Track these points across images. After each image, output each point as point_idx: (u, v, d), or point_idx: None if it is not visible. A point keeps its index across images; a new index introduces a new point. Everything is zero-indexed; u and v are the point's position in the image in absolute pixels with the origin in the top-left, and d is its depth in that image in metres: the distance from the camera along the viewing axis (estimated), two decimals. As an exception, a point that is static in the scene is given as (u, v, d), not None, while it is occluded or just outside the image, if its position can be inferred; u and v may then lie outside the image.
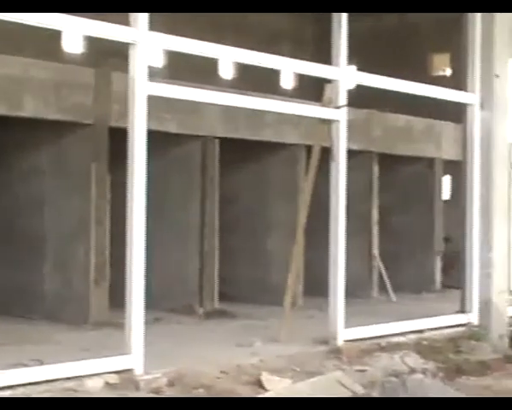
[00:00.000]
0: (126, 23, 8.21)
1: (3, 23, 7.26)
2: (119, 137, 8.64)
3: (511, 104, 12.41)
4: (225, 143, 12.83)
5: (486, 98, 11.97)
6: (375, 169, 15.50)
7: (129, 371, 7.98)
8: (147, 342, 8.14)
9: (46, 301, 11.47)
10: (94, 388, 7.61)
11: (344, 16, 10.23)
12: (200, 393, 7.82)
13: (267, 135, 13.26)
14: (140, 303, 8.13)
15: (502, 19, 12.08)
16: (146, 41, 8.22)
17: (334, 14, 10.26)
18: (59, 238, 11.53)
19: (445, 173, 16.79)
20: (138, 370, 8.02)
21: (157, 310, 10.82)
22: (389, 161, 15.67)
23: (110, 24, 8.16)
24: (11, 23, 7.67)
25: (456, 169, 12.86)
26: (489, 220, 11.95)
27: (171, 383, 7.96)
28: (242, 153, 13.73)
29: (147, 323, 8.29)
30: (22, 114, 10.58)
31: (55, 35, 14.84)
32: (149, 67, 8.34)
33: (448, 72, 18.78)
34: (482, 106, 12.00)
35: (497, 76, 11.92)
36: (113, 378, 7.83)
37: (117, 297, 9.02)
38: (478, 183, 12.01)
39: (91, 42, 14.69)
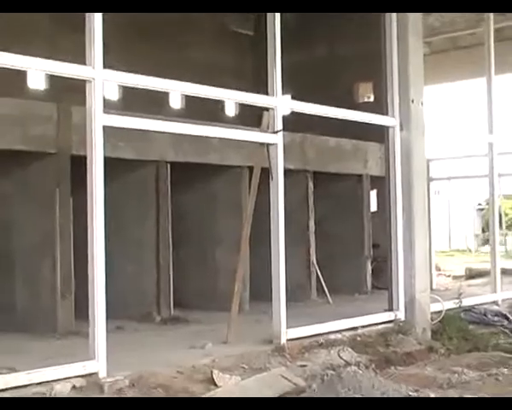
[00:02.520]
0: (83, 62, 8.24)
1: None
2: (79, 164, 8.62)
3: (427, 125, 12.61)
4: (176, 166, 12.85)
5: (405, 121, 12.13)
6: (310, 186, 15.58)
7: (94, 374, 7.98)
8: (110, 348, 8.13)
9: (17, 314, 11.34)
10: (62, 391, 7.59)
11: (278, 51, 10.34)
12: (159, 392, 7.82)
13: (212, 158, 13.29)
14: (102, 313, 8.13)
15: (416, 50, 12.30)
16: (101, 78, 8.24)
17: (269, 49, 10.37)
18: (27, 257, 11.42)
19: (372, 188, 16.90)
20: (102, 373, 8.02)
21: (118, 319, 10.75)
22: (322, 178, 15.78)
23: (69, 64, 8.18)
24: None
25: (382, 184, 12.96)
26: (411, 228, 12.10)
27: (132, 385, 7.95)
28: (191, 175, 13.75)
29: (109, 331, 8.29)
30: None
31: (21, 74, 14.78)
32: (105, 100, 8.37)
33: (371, 98, 18.95)
34: (401, 127, 12.16)
35: (414, 101, 12.10)
36: (79, 382, 7.82)
37: (81, 308, 8.99)
38: (400, 195, 12.16)
39: (53, 79, 14.57)
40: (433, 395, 7.61)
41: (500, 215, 18.89)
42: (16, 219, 11.60)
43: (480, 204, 38.57)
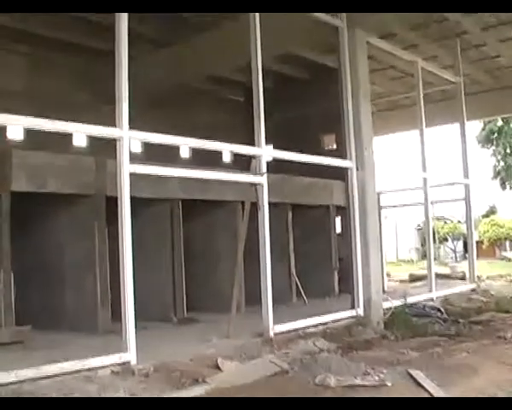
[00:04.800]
0: (114, 124, 8.33)
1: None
2: (113, 202, 8.69)
3: (377, 165, 12.73)
4: (185, 202, 12.91)
5: (360, 163, 12.26)
6: (290, 214, 15.64)
7: (127, 363, 8.03)
8: (138, 343, 8.18)
9: (67, 316, 11.36)
10: (104, 375, 7.67)
11: (261, 112, 10.45)
12: (177, 375, 7.84)
13: (213, 195, 13.33)
14: (132, 316, 8.19)
15: (366, 110, 12.46)
16: (127, 136, 8.34)
17: (255, 111, 10.48)
18: (75, 272, 11.48)
19: (337, 215, 16.98)
20: (133, 362, 8.08)
21: (144, 320, 10.75)
22: (299, 208, 15.85)
23: (103, 127, 8.28)
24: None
25: (344, 212, 13.05)
26: (367, 245, 12.18)
27: (156, 370, 7.98)
28: (197, 208, 13.79)
29: (137, 330, 8.32)
30: (46, 190, 10.60)
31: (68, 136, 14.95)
32: (131, 153, 8.45)
33: (334, 146, 19.11)
34: (357, 168, 12.27)
35: (366, 148, 12.23)
36: (116, 368, 7.89)
37: (116, 312, 9.02)
38: (358, 220, 12.23)
39: (92, 139, 14.67)
40: (385, 371, 7.65)
41: (434, 233, 19.02)
42: (67, 244, 11.67)
43: (419, 225, 38.70)
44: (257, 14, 10.56)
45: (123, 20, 8.45)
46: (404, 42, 16.31)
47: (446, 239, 40.25)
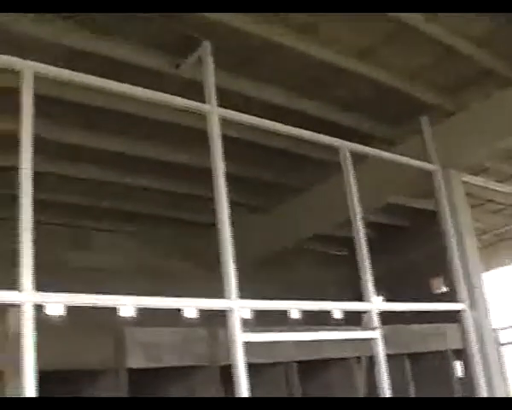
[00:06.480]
0: (221, 293, 8.37)
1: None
2: (227, 371, 8.62)
3: (491, 302, 12.33)
4: (300, 363, 12.65)
5: (472, 303, 11.88)
6: (407, 364, 15.03)
7: None
8: None
9: None
10: None
11: (368, 265, 10.37)
12: None
13: (327, 354, 12.99)
14: None
15: (471, 247, 12.18)
16: (237, 306, 8.37)
17: (361, 265, 10.40)
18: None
19: (456, 358, 16.20)
20: None
21: None
22: (415, 356, 15.22)
23: (213, 299, 8.37)
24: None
25: (463, 355, 12.53)
26: (490, 387, 11.57)
27: None
28: (313, 368, 13.45)
29: None
30: (162, 365, 10.64)
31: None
32: (242, 320, 8.45)
33: (444, 289, 18.67)
34: (471, 309, 11.87)
35: (476, 287, 11.88)
36: None
37: None
38: (478, 362, 11.71)
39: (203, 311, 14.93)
40: None
41: None
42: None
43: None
44: (351, 173, 10.69)
45: (222, 191, 8.68)
46: (498, 174, 16.15)
47: None
